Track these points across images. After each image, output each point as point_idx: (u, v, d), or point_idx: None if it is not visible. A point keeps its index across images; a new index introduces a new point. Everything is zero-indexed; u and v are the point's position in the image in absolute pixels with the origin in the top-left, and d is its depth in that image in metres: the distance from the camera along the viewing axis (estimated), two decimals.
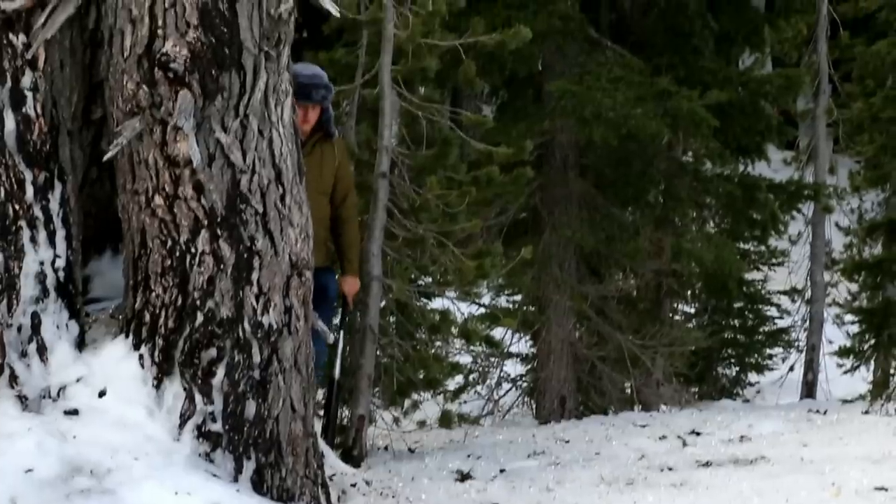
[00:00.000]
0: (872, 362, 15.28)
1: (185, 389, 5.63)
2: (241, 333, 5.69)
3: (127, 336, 5.74)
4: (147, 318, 5.69)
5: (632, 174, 13.04)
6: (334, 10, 7.49)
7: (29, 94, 5.63)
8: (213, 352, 5.65)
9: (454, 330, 10.08)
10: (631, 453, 8.42)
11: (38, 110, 5.65)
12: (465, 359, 11.18)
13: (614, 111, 11.64)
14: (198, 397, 5.64)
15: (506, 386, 13.47)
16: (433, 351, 10.11)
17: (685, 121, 12.04)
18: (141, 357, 5.67)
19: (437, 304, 10.30)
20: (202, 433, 5.63)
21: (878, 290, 14.85)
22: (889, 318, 14.33)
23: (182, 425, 5.62)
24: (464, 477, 7.58)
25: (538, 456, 8.55)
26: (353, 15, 9.37)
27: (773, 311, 17.96)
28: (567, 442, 9.24)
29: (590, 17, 12.98)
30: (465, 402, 12.75)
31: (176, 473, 5.39)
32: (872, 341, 14.62)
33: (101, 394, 5.62)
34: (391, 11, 9.35)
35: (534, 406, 13.06)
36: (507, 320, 11.08)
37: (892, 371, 14.70)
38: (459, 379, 10.85)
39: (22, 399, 5.52)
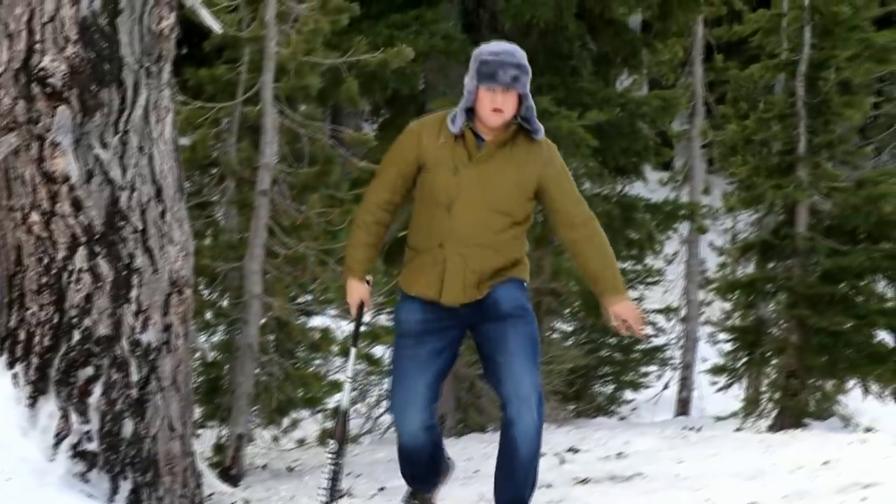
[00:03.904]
0: (745, 380, 15.58)
1: (60, 409, 5.55)
2: (118, 351, 5.63)
3: (0, 355, 5.64)
4: (22, 336, 5.60)
5: None
6: (216, 27, 7.47)
7: None
8: (89, 370, 5.58)
9: (334, 348, 10.07)
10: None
11: None
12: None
13: None
14: (73, 416, 5.56)
15: (385, 404, 13.47)
16: (313, 369, 10.10)
17: (565, 140, 12.18)
18: (15, 376, 5.58)
19: (317, 321, 10.28)
20: (77, 453, 5.55)
21: (751, 308, 15.15)
22: (761, 337, 14.62)
23: (57, 445, 5.53)
24: (343, 495, 7.57)
25: None
26: (234, 32, 9.34)
27: (648, 330, 18.21)
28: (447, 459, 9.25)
29: (471, 37, 13.08)
30: None
31: (49, 494, 5.32)
32: (745, 359, 14.91)
33: None
34: (273, 29, 9.35)
35: None
36: (388, 338, 11.09)
37: (763, 389, 14.99)
38: (339, 397, 10.83)
39: None
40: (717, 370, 15.27)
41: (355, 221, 5.92)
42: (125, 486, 5.65)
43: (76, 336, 5.58)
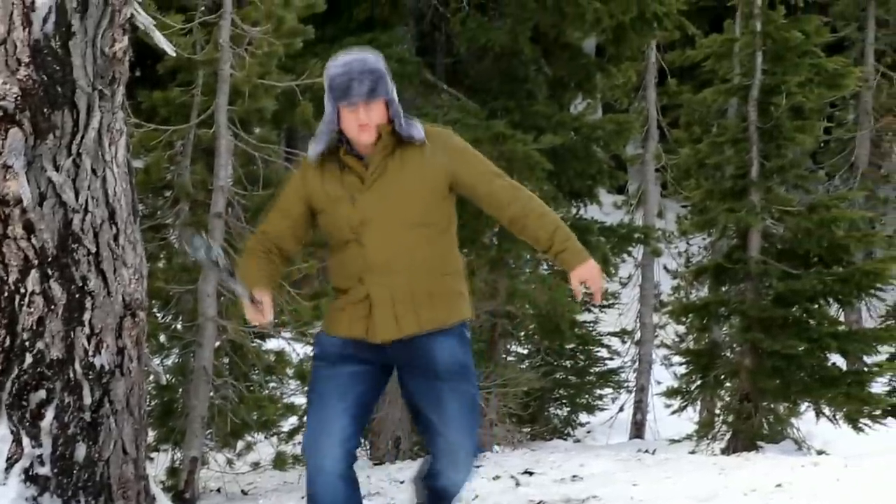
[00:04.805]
0: (699, 403, 15.64)
1: (12, 432, 5.51)
2: (71, 375, 5.59)
3: None
4: None
5: (467, 216, 13.21)
6: (170, 50, 7.46)
7: None
8: (42, 393, 5.54)
9: (289, 371, 10.05)
10: (465, 494, 8.46)
11: None
12: (299, 400, 11.14)
13: None
14: (25, 440, 5.52)
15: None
16: (268, 392, 10.07)
17: (520, 164, 12.23)
18: None
19: (272, 344, 10.26)
20: (29, 477, 5.51)
21: (705, 331, 15.22)
22: (715, 360, 14.68)
23: (8, 469, 5.49)
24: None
25: (373, 497, 8.55)
26: (188, 55, 9.33)
27: (603, 353, 18.29)
28: (402, 483, 9.26)
29: (426, 60, 13.13)
30: (299, 443, 12.67)
31: None
32: (699, 382, 14.95)
33: None
34: (227, 52, 9.34)
35: (368, 446, 13.06)
36: None
37: (717, 411, 15.05)
38: (294, 420, 10.80)
39: None
40: (671, 393, 15.32)
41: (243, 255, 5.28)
42: None
43: (28, 359, 5.54)
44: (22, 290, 5.53)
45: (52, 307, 5.56)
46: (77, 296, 5.61)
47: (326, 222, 5.05)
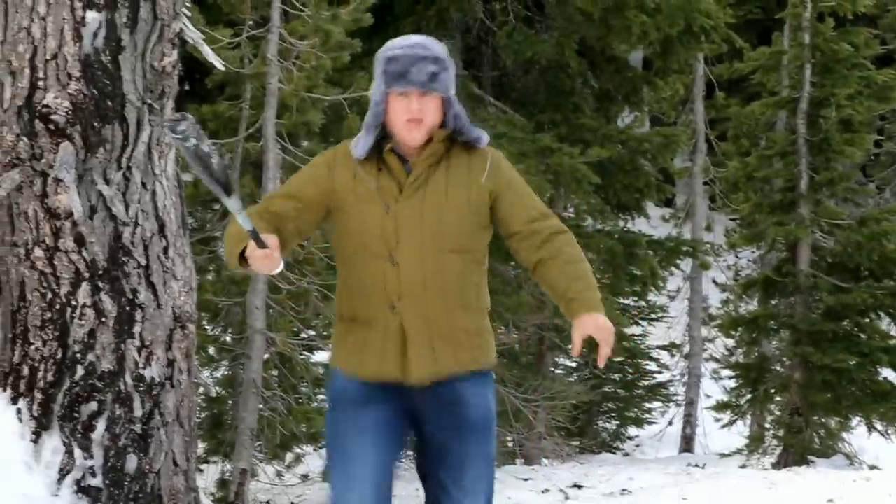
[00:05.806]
0: (749, 417, 15.55)
1: (64, 444, 5.55)
2: (122, 387, 5.63)
3: (4, 390, 5.64)
4: (26, 371, 5.60)
5: None
6: (219, 64, 7.51)
7: None
8: (93, 405, 5.58)
9: None
10: None
11: None
12: None
13: None
14: (77, 452, 5.56)
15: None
16: (316, 404, 10.09)
17: (567, 177, 12.22)
18: (19, 411, 5.58)
19: (320, 357, 10.28)
20: (81, 488, 5.54)
21: (754, 345, 15.14)
22: (764, 374, 14.60)
23: (61, 480, 5.52)
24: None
25: None
26: (236, 68, 9.38)
27: (652, 366, 18.20)
28: None
29: (472, 73, 13.14)
30: None
31: None
32: (748, 396, 14.88)
33: None
34: (275, 66, 9.39)
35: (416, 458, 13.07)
36: None
37: (767, 426, 14.96)
38: None
39: None
40: (720, 407, 15.24)
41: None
42: None
43: (79, 371, 5.58)
44: (73, 303, 5.57)
45: (103, 320, 5.59)
46: (127, 308, 5.65)
47: (348, 226, 4.24)
